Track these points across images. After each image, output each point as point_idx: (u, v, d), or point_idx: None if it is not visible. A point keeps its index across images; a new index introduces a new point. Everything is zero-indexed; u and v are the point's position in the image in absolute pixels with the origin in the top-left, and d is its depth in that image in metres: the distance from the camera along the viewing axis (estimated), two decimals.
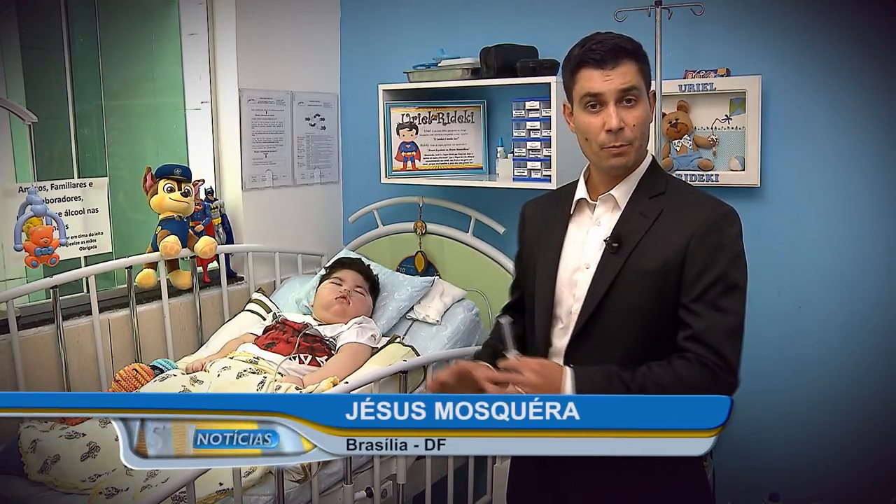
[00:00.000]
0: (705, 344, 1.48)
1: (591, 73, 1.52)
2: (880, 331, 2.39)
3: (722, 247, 1.51)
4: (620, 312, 1.53)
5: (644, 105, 1.53)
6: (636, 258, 1.52)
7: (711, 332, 1.48)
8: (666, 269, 1.50)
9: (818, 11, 2.40)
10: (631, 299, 1.52)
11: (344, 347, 2.60)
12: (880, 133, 2.36)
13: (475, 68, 2.83)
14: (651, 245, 1.52)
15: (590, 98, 1.53)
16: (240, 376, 2.38)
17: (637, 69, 1.52)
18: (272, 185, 3.18)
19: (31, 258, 2.38)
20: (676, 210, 1.55)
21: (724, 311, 1.50)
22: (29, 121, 2.45)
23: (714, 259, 1.49)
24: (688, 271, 1.50)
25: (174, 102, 3.16)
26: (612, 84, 1.50)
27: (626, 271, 1.52)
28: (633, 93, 1.51)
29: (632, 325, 1.53)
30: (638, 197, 1.57)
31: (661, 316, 1.52)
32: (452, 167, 3.03)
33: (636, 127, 1.52)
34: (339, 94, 3.42)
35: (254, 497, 2.01)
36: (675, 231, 1.52)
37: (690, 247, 1.50)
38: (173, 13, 3.12)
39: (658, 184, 1.59)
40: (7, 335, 2.38)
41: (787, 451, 2.56)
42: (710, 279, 1.49)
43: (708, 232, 1.50)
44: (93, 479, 2.04)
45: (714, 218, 1.52)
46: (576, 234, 1.62)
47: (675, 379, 1.46)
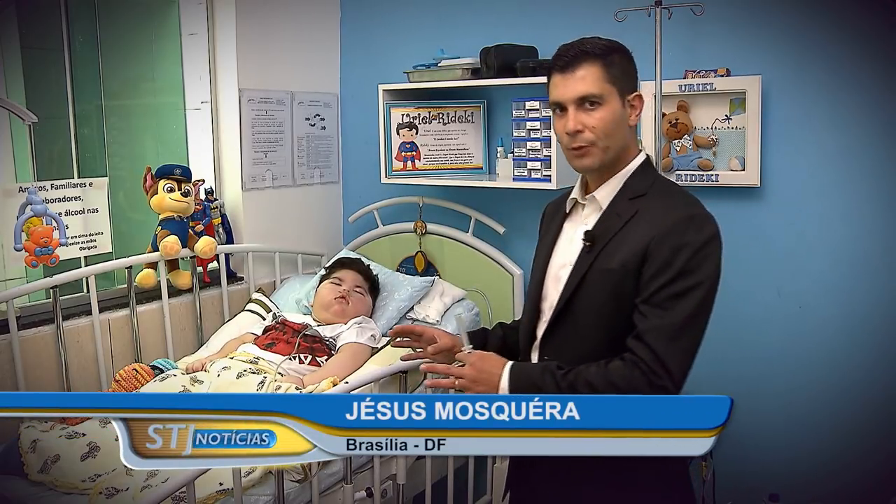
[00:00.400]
0: (644, 344, 1.47)
1: (556, 80, 1.58)
2: (881, 331, 2.39)
3: (680, 250, 1.48)
4: (586, 309, 1.57)
5: (609, 107, 1.55)
6: (603, 257, 1.56)
7: (651, 333, 1.47)
8: (625, 270, 1.52)
9: (818, 11, 2.40)
10: (595, 297, 1.56)
11: (344, 347, 2.60)
12: (880, 133, 2.35)
13: (475, 68, 2.83)
14: (617, 245, 1.55)
15: (554, 104, 1.60)
16: (240, 376, 2.38)
17: (601, 72, 1.55)
18: (272, 185, 3.18)
19: (31, 258, 2.38)
20: (650, 212, 1.55)
21: (671, 313, 1.47)
22: (29, 121, 2.44)
23: (670, 262, 1.48)
24: (644, 272, 1.51)
25: (174, 102, 3.16)
26: (567, 91, 1.56)
27: (592, 270, 1.56)
28: (591, 98, 1.54)
29: (596, 323, 1.56)
30: (619, 198, 1.60)
31: (622, 315, 1.53)
32: (452, 167, 3.03)
33: (596, 129, 1.55)
34: (339, 94, 3.42)
35: (254, 497, 2.01)
36: (640, 232, 1.53)
37: (650, 248, 1.50)
38: (173, 13, 3.12)
39: (642, 185, 1.60)
40: (7, 335, 2.38)
41: (787, 452, 2.56)
42: (663, 281, 1.48)
43: (668, 234, 1.50)
44: (93, 479, 2.04)
45: (678, 220, 1.51)
46: (569, 232, 1.67)
47: (604, 379, 1.47)
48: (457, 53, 2.91)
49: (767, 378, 2.57)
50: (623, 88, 1.56)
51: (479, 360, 1.57)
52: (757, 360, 2.60)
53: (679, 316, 1.47)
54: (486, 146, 3.05)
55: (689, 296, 1.47)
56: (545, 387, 1.49)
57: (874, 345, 2.41)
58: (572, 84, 1.55)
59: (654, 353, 1.45)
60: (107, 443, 2.15)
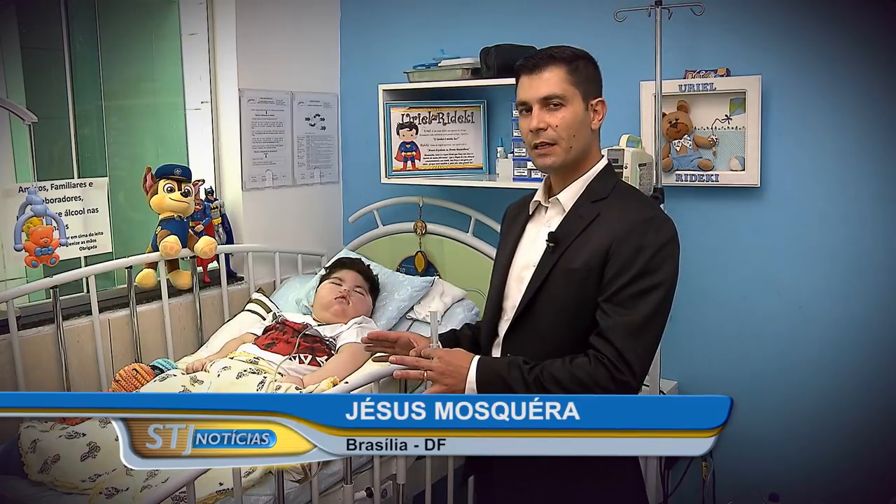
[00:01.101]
0: (607, 341, 1.53)
1: (523, 81, 1.66)
2: (880, 331, 2.39)
3: (641, 249, 1.55)
4: (549, 309, 1.62)
5: (571, 109, 1.63)
6: (566, 258, 1.61)
7: (614, 330, 1.53)
8: (587, 269, 1.58)
9: (818, 11, 2.40)
10: (558, 297, 1.61)
11: (344, 347, 2.60)
12: (880, 133, 2.35)
13: (475, 68, 2.83)
14: (581, 245, 1.61)
15: (520, 104, 1.67)
16: (240, 376, 2.38)
17: (565, 75, 1.62)
18: (272, 185, 3.18)
19: (31, 258, 2.38)
20: (611, 214, 1.61)
21: (632, 311, 1.54)
22: (29, 121, 2.44)
23: (631, 261, 1.55)
24: (606, 272, 1.57)
25: (174, 102, 3.16)
26: (532, 90, 1.63)
27: (556, 270, 1.62)
28: (554, 99, 1.61)
29: (559, 322, 1.62)
30: (582, 201, 1.66)
31: (584, 314, 1.59)
32: (452, 167, 3.03)
33: (559, 128, 1.62)
34: (339, 94, 3.42)
35: (254, 497, 2.01)
36: (602, 234, 1.59)
37: (612, 249, 1.57)
38: (173, 13, 3.12)
39: (604, 189, 1.66)
40: (7, 335, 2.37)
41: (787, 452, 2.56)
42: (624, 280, 1.54)
43: (629, 235, 1.56)
44: (93, 479, 2.04)
45: (638, 222, 1.57)
46: (531, 233, 1.74)
47: (569, 374, 1.53)
48: (457, 53, 2.91)
49: (767, 378, 2.57)
50: (587, 92, 1.64)
51: (446, 354, 1.63)
52: (757, 360, 2.60)
53: (640, 314, 1.53)
54: (486, 146, 3.05)
55: (651, 295, 1.54)
56: (511, 380, 1.55)
57: (874, 345, 2.41)
58: (537, 84, 1.63)
59: (617, 350, 1.51)
60: (107, 443, 2.15)
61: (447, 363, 1.61)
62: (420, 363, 1.63)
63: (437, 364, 1.61)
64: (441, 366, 1.61)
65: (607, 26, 2.49)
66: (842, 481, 2.45)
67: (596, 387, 1.51)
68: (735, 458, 2.54)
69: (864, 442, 2.43)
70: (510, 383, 1.55)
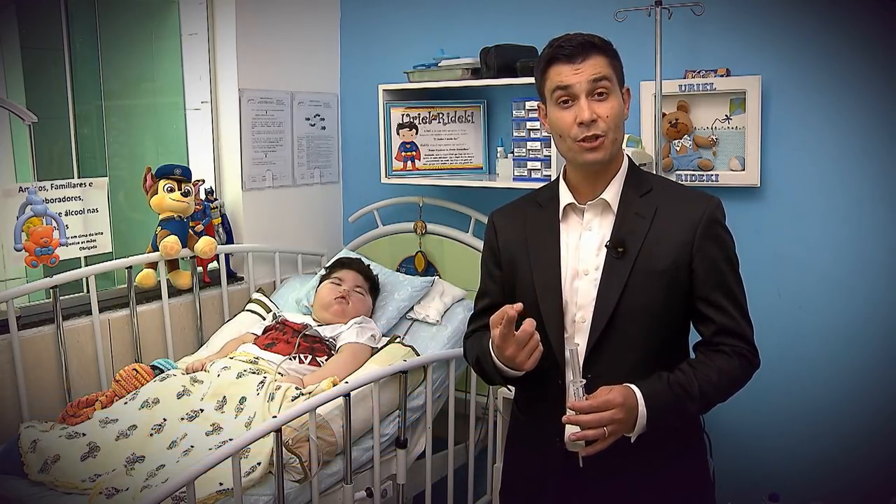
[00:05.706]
0: (737, 335, 1.54)
1: (560, 69, 1.52)
2: (881, 331, 2.39)
3: (723, 237, 1.56)
4: (634, 315, 1.52)
5: (616, 98, 1.53)
6: (644, 259, 1.52)
7: (737, 322, 1.54)
8: (676, 267, 1.53)
9: (818, 11, 2.40)
10: (643, 301, 1.52)
11: (344, 347, 2.60)
12: (880, 133, 2.35)
13: (475, 68, 2.83)
14: (655, 244, 1.53)
15: (561, 92, 1.52)
16: (240, 376, 2.38)
17: (607, 63, 1.52)
18: (272, 185, 3.18)
19: (31, 258, 2.38)
20: (671, 206, 1.56)
21: (739, 299, 1.56)
22: (29, 121, 2.45)
23: (721, 249, 1.55)
24: (698, 265, 1.53)
25: (174, 102, 3.17)
26: (581, 76, 1.50)
27: (635, 274, 1.52)
28: (603, 84, 1.50)
29: (646, 326, 1.54)
30: (628, 197, 1.57)
31: (672, 313, 1.56)
32: (452, 167, 3.03)
33: (609, 119, 1.51)
34: (339, 94, 3.42)
35: (254, 497, 2.00)
36: (675, 228, 1.53)
37: (696, 241, 1.53)
38: (173, 13, 3.12)
39: (644, 182, 1.60)
40: (7, 335, 2.38)
41: (787, 451, 2.55)
42: (723, 269, 1.54)
43: (710, 224, 1.54)
44: (93, 479, 2.04)
45: (711, 210, 1.56)
46: (567, 240, 1.60)
47: (722, 374, 1.52)
48: (457, 53, 2.91)
49: (767, 377, 2.55)
50: (620, 81, 1.57)
51: (622, 397, 1.40)
52: None
53: (743, 295, 1.58)
54: (486, 146, 3.05)
55: (740, 276, 1.58)
56: (678, 401, 1.46)
57: (874, 345, 2.41)
58: (585, 69, 1.50)
59: (746, 339, 1.55)
60: (107, 443, 2.15)
61: (626, 410, 1.40)
62: (602, 419, 1.38)
63: (618, 415, 1.39)
64: (623, 415, 1.40)
65: (607, 26, 2.48)
66: (841, 481, 2.45)
67: (745, 379, 1.56)
68: (735, 458, 2.54)
69: (864, 442, 2.42)
70: (680, 406, 1.46)
